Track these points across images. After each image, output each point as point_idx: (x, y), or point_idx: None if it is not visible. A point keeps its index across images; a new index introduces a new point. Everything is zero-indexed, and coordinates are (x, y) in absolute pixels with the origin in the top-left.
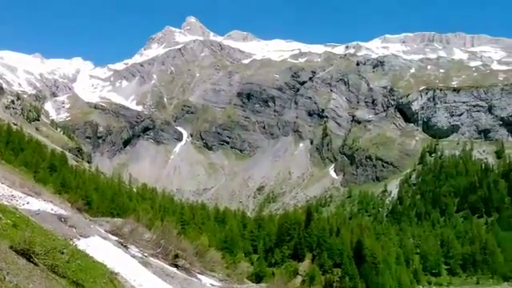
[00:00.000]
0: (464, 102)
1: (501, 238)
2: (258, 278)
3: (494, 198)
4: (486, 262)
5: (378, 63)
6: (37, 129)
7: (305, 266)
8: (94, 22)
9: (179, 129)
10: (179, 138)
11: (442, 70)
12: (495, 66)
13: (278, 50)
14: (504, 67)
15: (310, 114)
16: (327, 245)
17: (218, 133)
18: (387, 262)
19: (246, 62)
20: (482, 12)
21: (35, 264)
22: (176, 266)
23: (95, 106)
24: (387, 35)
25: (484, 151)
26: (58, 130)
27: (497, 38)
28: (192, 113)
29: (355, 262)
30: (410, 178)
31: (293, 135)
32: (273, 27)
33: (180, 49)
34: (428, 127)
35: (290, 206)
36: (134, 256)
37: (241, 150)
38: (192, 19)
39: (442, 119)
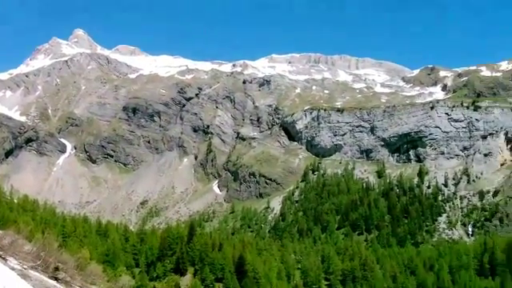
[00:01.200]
0: (347, 123)
1: (380, 254)
2: None
3: (374, 215)
4: (365, 278)
5: (264, 82)
6: None
7: (186, 280)
8: None
9: (63, 141)
10: (63, 150)
11: (326, 91)
12: (378, 89)
13: (165, 65)
14: (387, 90)
15: (195, 130)
16: (209, 259)
17: (103, 146)
18: (268, 277)
19: (132, 76)
20: (367, 36)
21: None
22: (56, 278)
23: None
24: (274, 55)
25: (365, 170)
26: None
27: (380, 61)
28: (76, 125)
29: (237, 276)
30: (293, 195)
31: (177, 150)
32: (160, 43)
33: (67, 61)
34: (312, 146)
35: (173, 220)
36: (12, 268)
37: (125, 164)
38: (80, 32)
39: (325, 138)
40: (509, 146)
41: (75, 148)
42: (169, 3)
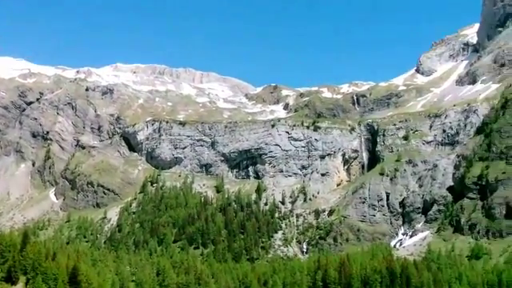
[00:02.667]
0: (188, 136)
1: (215, 269)
2: None
3: (211, 230)
4: None
5: (108, 90)
6: None
7: None
8: None
9: None
10: None
11: (169, 103)
12: (221, 104)
13: (6, 67)
14: (229, 105)
15: (34, 136)
16: (42, 269)
17: None
18: None
19: None
20: (212, 50)
21: None
22: None
23: None
24: (119, 64)
25: (204, 185)
26: None
27: (225, 77)
28: None
29: (70, 287)
30: (131, 206)
31: (14, 155)
32: (3, 44)
33: None
34: (152, 158)
35: (7, 227)
36: None
37: None
38: None
39: (165, 151)
40: (345, 167)
41: None
42: (12, 2)
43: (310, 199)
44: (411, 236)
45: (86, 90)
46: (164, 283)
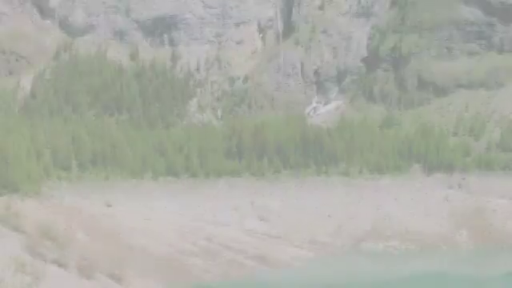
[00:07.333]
0: (103, 3)
1: (130, 136)
2: None
3: (126, 98)
4: (115, 159)
5: None
6: None
7: None
8: None
9: None
10: None
11: None
12: None
13: None
14: None
15: None
16: None
17: None
18: (18, 157)
19: None
20: None
21: None
22: None
23: None
24: None
25: (119, 52)
26: None
27: None
28: None
29: None
30: (44, 74)
31: None
32: None
33: None
34: (65, 25)
35: None
36: None
37: None
38: None
39: (79, 18)
40: (261, 35)
41: None
42: None
43: (225, 67)
44: (325, 104)
45: None
46: (79, 150)
